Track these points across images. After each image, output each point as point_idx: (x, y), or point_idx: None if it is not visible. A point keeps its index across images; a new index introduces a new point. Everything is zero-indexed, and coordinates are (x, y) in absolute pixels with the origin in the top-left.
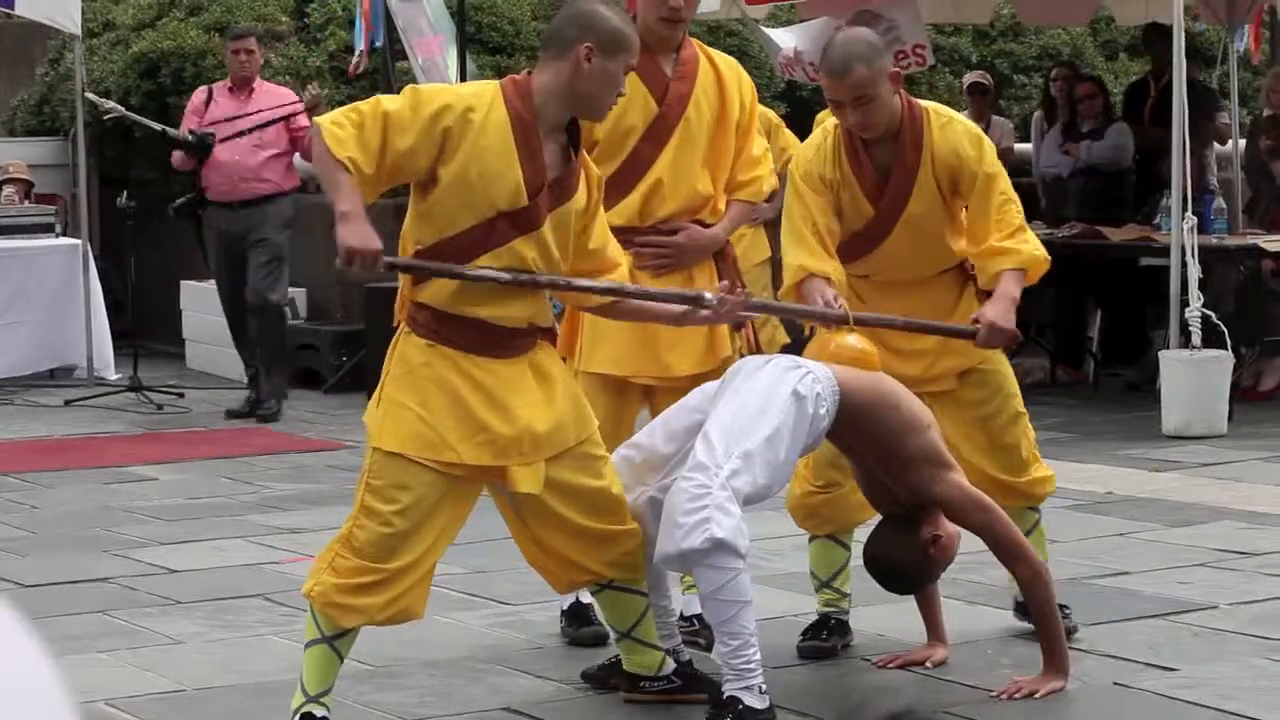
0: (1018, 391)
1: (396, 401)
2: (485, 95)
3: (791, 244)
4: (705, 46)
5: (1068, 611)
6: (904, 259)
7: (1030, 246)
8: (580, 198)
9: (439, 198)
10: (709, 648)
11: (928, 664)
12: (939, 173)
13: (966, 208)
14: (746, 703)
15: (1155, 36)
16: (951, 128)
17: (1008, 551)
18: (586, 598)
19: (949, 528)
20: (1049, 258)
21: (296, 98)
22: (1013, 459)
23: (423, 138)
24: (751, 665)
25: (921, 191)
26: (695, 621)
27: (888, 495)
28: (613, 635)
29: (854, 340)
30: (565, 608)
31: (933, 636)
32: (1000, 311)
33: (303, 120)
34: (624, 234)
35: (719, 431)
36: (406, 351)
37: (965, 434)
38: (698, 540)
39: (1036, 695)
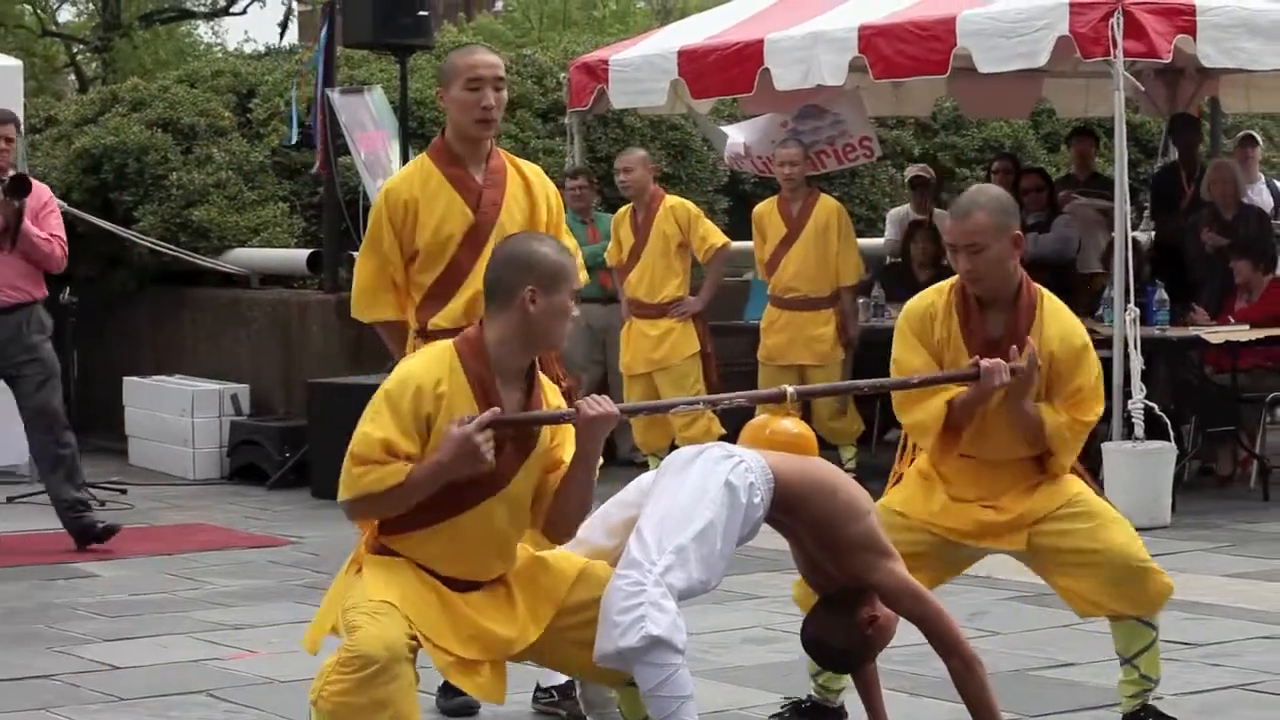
0: (1112, 510)
1: (387, 582)
2: (444, 362)
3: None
4: (509, 155)
5: None
6: (1000, 435)
7: (1069, 454)
8: (544, 438)
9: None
10: (569, 718)
11: None
12: (1044, 351)
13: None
14: None
15: (1183, 126)
16: (1064, 315)
17: (941, 642)
18: None
19: (886, 610)
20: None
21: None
22: (1130, 569)
23: (414, 434)
24: None
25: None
26: (554, 693)
27: (826, 576)
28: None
29: (789, 424)
30: (442, 681)
31: (873, 718)
32: (1000, 359)
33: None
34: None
35: (651, 527)
36: (382, 559)
37: (1059, 561)
38: (634, 639)
39: None
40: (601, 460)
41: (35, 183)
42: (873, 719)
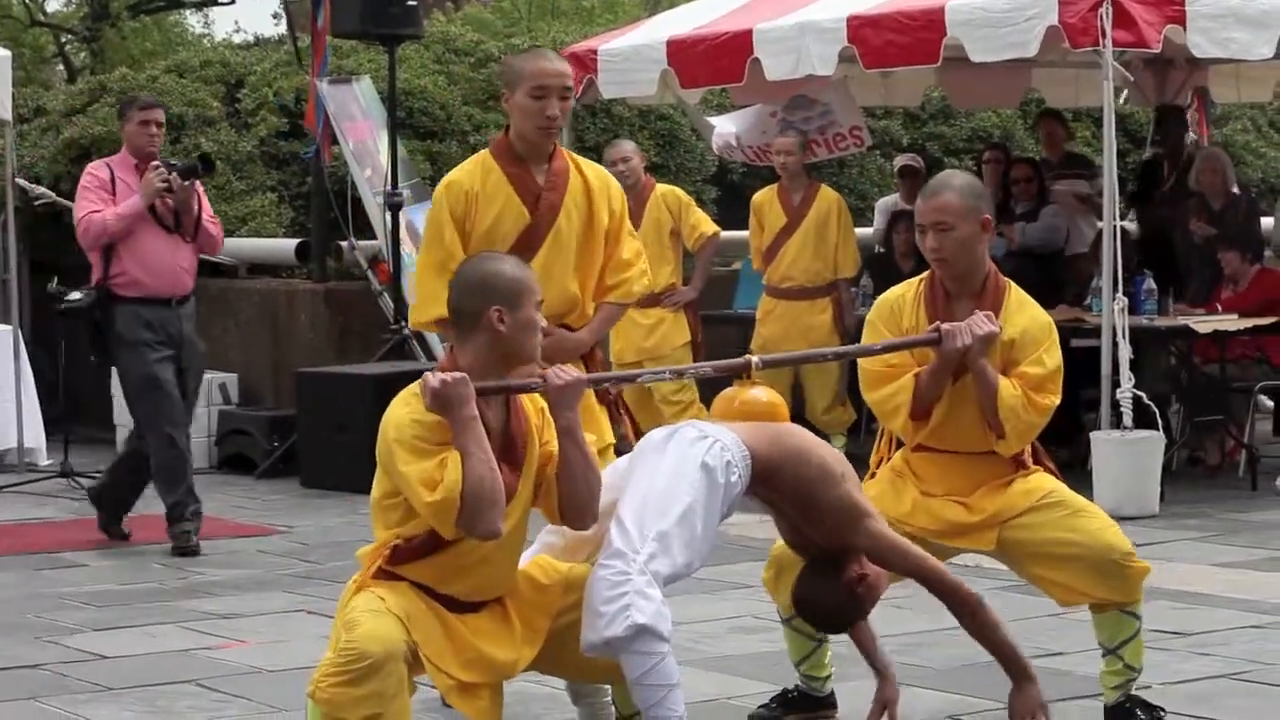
0: (1086, 503)
1: (389, 592)
2: (423, 408)
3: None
4: (575, 156)
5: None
6: (963, 425)
7: (1019, 436)
8: (533, 444)
9: None
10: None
11: (889, 716)
12: (1004, 342)
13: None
14: None
15: (1169, 116)
16: (1032, 308)
17: (938, 588)
18: None
19: (874, 567)
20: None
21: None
22: (1105, 559)
23: (433, 455)
24: None
25: (991, 354)
26: None
27: (810, 541)
28: (614, 716)
29: (759, 394)
30: None
31: (877, 670)
32: (960, 322)
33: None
34: None
35: (632, 515)
36: (381, 584)
37: (1036, 555)
38: (620, 628)
39: None
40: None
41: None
42: (876, 667)
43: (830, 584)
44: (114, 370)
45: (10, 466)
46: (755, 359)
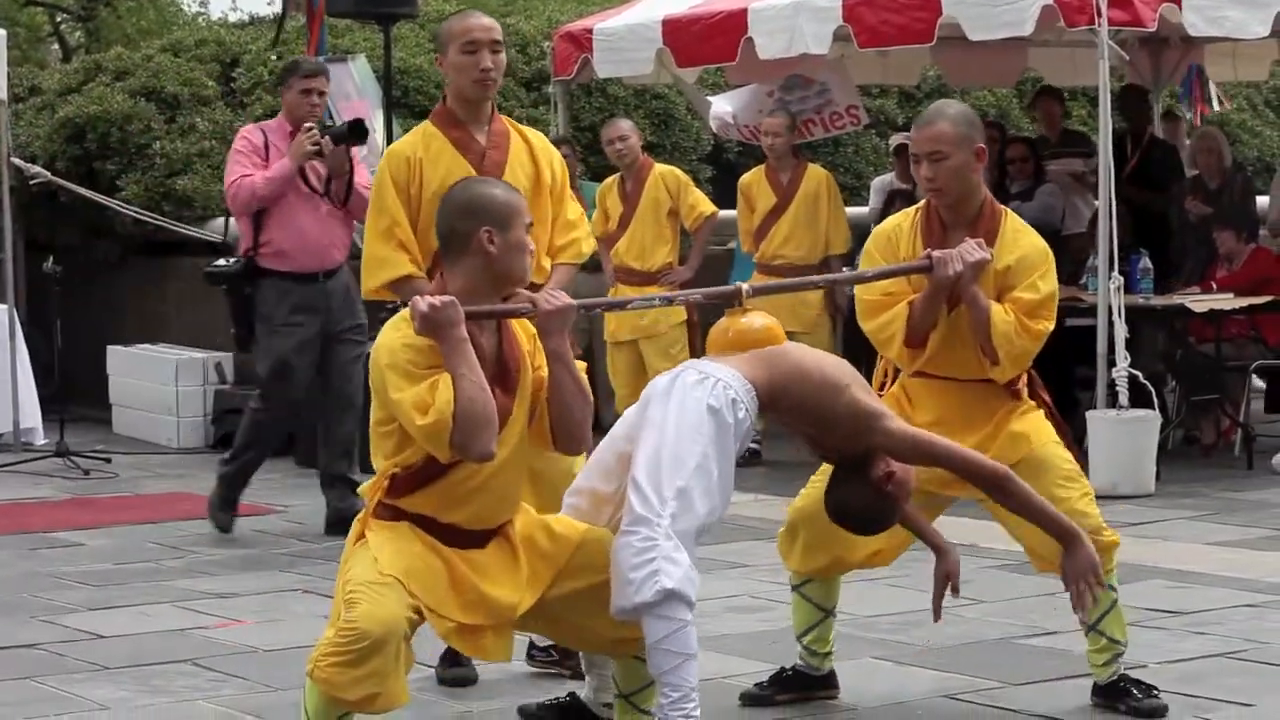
0: (1068, 467)
1: (395, 550)
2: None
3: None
4: (512, 121)
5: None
6: (958, 352)
7: (1012, 362)
8: (526, 369)
9: None
10: (572, 676)
11: (952, 587)
12: (999, 269)
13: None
14: None
15: (1132, 96)
16: (1028, 235)
17: (963, 471)
18: None
19: (899, 463)
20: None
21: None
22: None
23: (427, 375)
24: (692, 718)
25: (985, 282)
26: (553, 652)
27: (831, 449)
28: (613, 691)
29: (750, 320)
30: (443, 651)
31: (933, 546)
32: (950, 250)
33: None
34: None
35: (647, 476)
36: (388, 525)
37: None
38: (649, 593)
39: (1093, 586)
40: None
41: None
42: (932, 546)
43: (859, 487)
44: (108, 349)
45: (6, 446)
46: (745, 286)
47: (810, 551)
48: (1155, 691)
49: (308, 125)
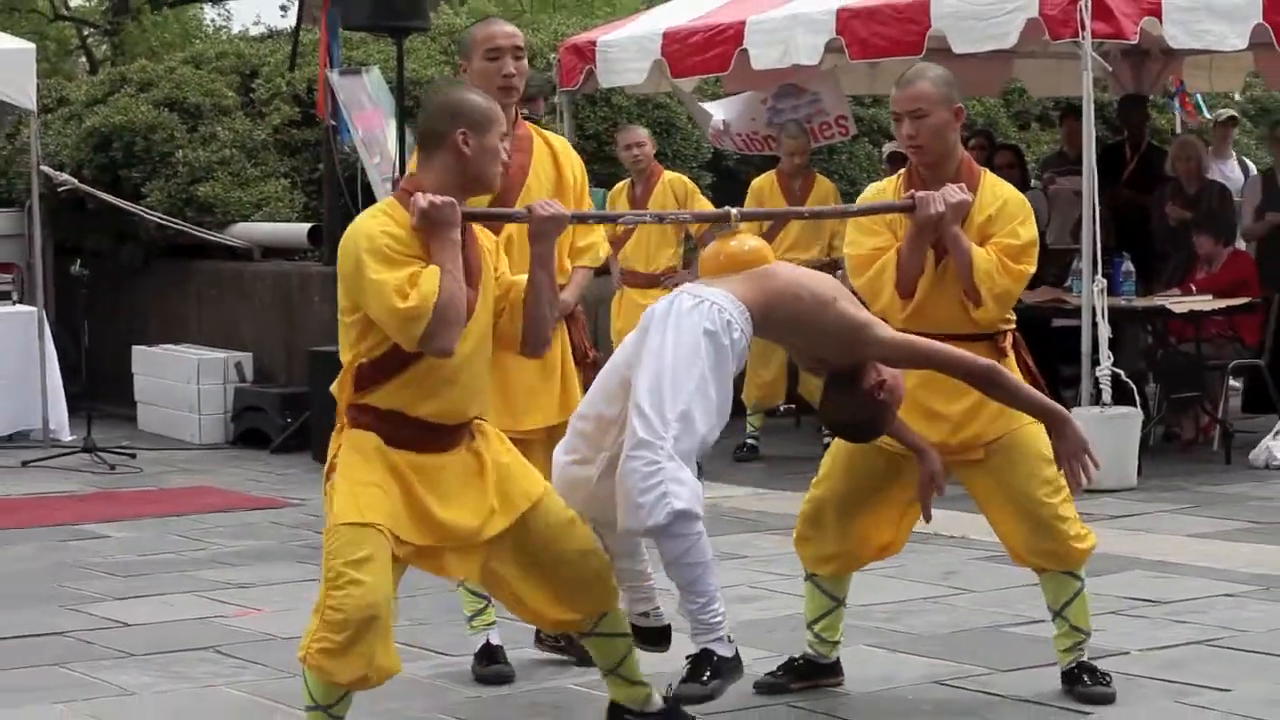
0: (1049, 455)
1: (356, 480)
2: (393, 222)
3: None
4: (535, 126)
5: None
6: (944, 305)
7: (995, 301)
8: (488, 269)
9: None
10: (579, 663)
11: (937, 487)
12: (979, 221)
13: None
14: (719, 653)
15: (1131, 106)
16: (1006, 188)
17: (951, 369)
18: (496, 639)
19: (890, 370)
20: (1004, 321)
21: None
22: (1042, 513)
23: (405, 256)
24: (719, 619)
25: (967, 231)
26: (560, 639)
27: (824, 362)
28: (600, 671)
29: (739, 243)
30: (478, 649)
31: (917, 450)
32: (932, 191)
33: None
34: None
35: (649, 400)
36: (357, 441)
37: (994, 501)
38: (661, 516)
39: (1089, 463)
40: None
41: None
42: (914, 449)
43: (853, 397)
44: (133, 349)
45: (36, 442)
46: (734, 210)
47: (825, 559)
48: (1106, 679)
49: None
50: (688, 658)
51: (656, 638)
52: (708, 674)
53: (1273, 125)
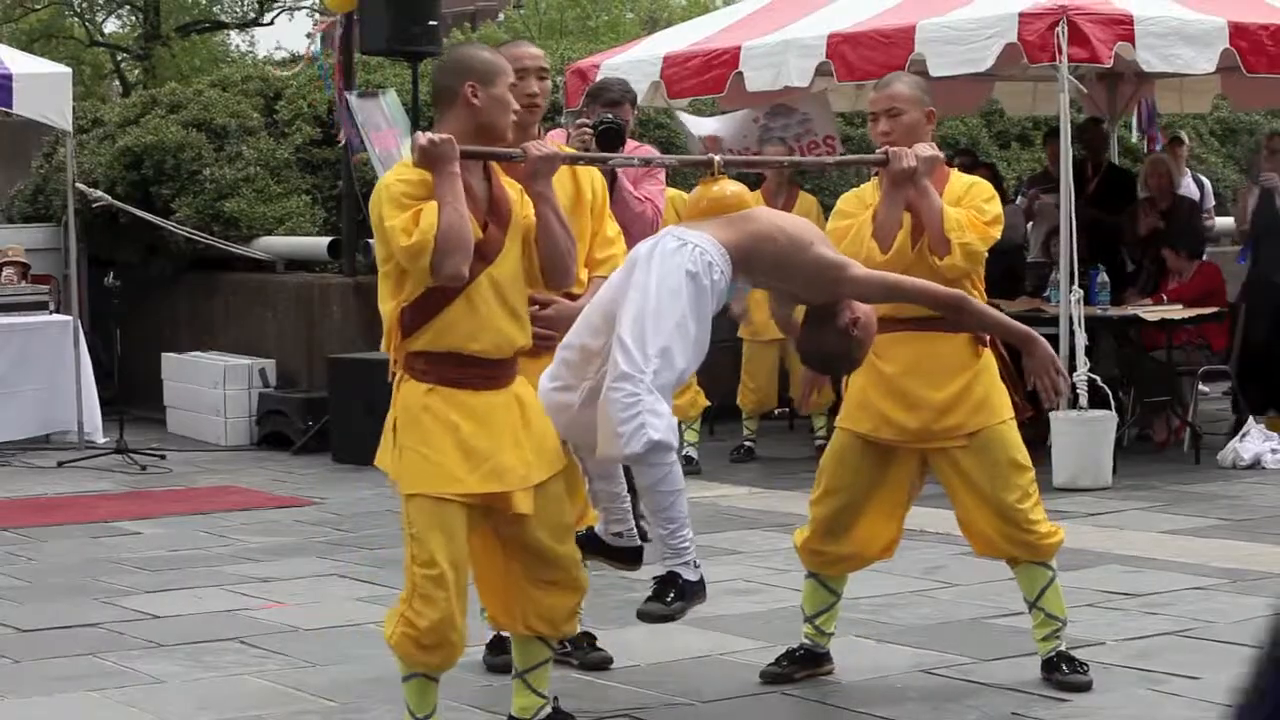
0: (1021, 450)
1: (407, 447)
2: (408, 169)
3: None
4: (557, 142)
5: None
6: (919, 270)
7: (965, 253)
8: (519, 209)
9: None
10: (579, 667)
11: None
12: (950, 199)
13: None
14: (685, 576)
15: (1091, 128)
16: (974, 179)
17: (925, 301)
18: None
19: (863, 307)
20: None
21: None
22: (1016, 516)
23: (417, 200)
24: (687, 544)
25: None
26: (565, 644)
27: (805, 302)
28: (512, 671)
29: (724, 187)
30: (489, 639)
31: (1024, 339)
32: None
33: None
34: None
35: (632, 335)
36: (407, 398)
37: (967, 491)
38: (638, 445)
39: (1059, 379)
40: None
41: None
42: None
43: (829, 333)
44: (163, 356)
45: (70, 444)
46: (718, 157)
47: (835, 563)
48: (1084, 668)
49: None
50: (654, 579)
51: (628, 556)
52: (671, 595)
53: (1269, 135)
